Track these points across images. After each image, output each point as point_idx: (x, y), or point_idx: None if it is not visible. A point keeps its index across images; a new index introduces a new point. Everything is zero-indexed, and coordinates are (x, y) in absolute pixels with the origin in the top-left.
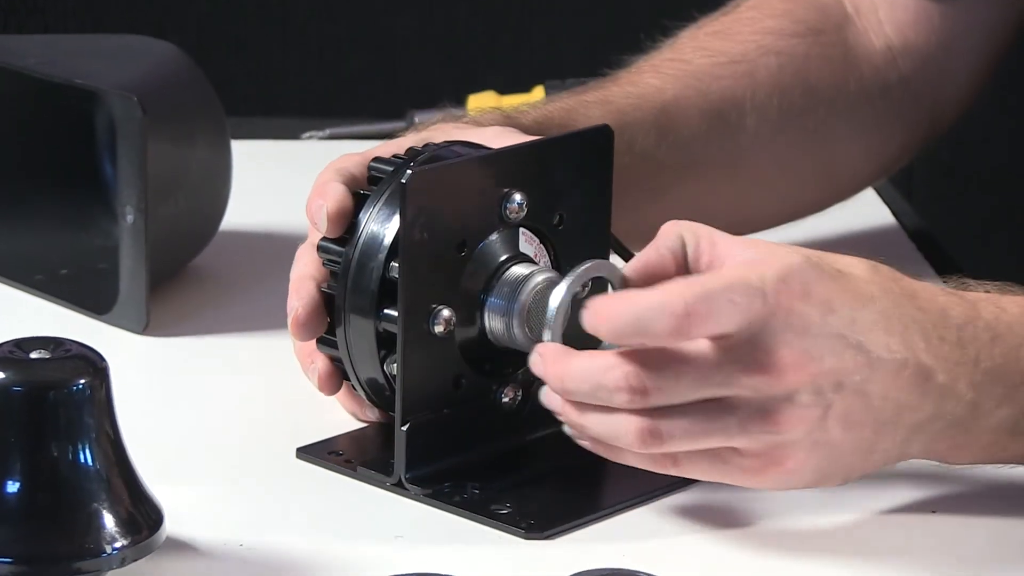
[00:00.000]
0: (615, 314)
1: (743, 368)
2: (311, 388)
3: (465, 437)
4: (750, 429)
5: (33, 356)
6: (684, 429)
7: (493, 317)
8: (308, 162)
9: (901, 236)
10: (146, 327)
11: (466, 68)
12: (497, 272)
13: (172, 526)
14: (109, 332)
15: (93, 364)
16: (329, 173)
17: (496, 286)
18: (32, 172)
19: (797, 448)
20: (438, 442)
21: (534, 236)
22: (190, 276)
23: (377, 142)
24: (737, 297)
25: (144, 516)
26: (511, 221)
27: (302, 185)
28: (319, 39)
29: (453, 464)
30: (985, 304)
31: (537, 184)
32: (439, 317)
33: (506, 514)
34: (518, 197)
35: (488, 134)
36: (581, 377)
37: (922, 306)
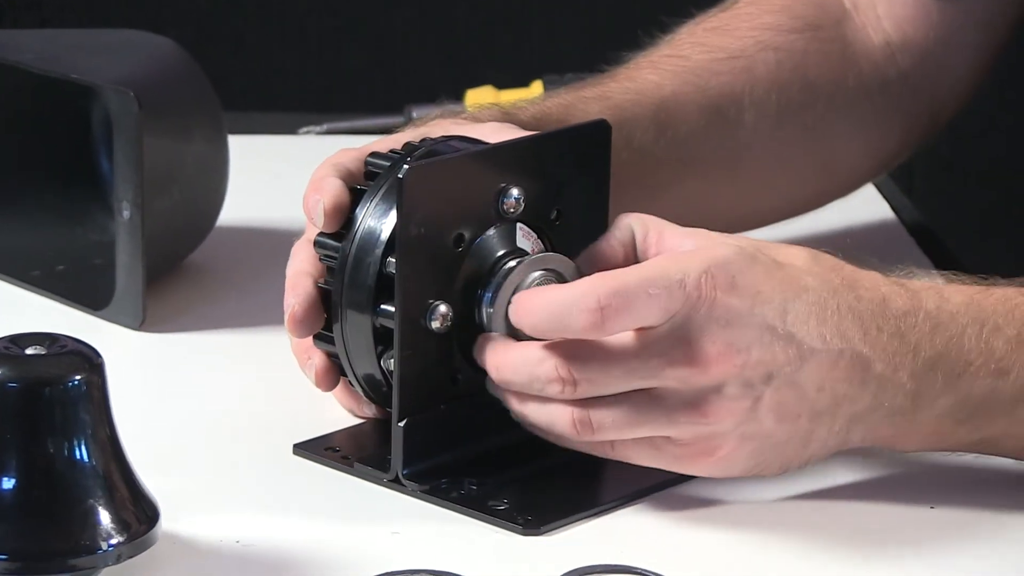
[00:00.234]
0: (535, 309)
1: (667, 360)
2: (308, 384)
3: (462, 433)
4: (678, 420)
5: (29, 352)
6: (614, 419)
7: (490, 312)
8: (305, 157)
9: (900, 231)
10: (142, 323)
11: (464, 63)
12: (494, 268)
13: (168, 522)
14: (105, 328)
15: (89, 360)
16: (326, 168)
17: (493, 282)
18: (28, 167)
19: (727, 439)
20: (435, 438)
21: (531, 231)
22: (186, 272)
23: (374, 138)
24: (655, 290)
25: (140, 512)
26: (508, 216)
27: (299, 180)
28: (316, 34)
29: (450, 460)
30: (928, 294)
31: (534, 179)
32: (436, 313)
33: (503, 510)
34: (515, 192)
35: (486, 130)
36: (517, 368)
37: (862, 295)
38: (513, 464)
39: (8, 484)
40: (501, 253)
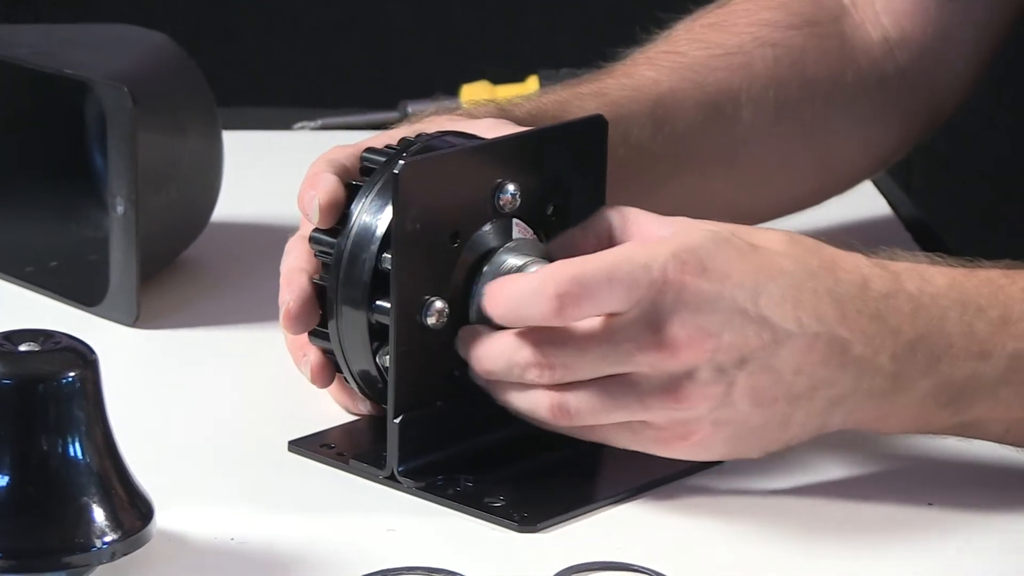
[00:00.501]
0: (501, 297)
1: (637, 346)
2: (303, 381)
3: (458, 430)
4: (651, 405)
5: (23, 349)
6: (589, 404)
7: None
8: (300, 153)
9: (898, 227)
10: (137, 319)
11: (459, 58)
12: (483, 262)
13: (163, 520)
14: (99, 324)
15: (83, 357)
16: (320, 164)
17: (482, 276)
18: (22, 163)
19: (702, 423)
20: (431, 435)
21: (528, 227)
22: (181, 268)
23: (370, 133)
24: (619, 276)
25: (134, 510)
26: (504, 212)
27: (294, 176)
28: (311, 29)
29: (446, 457)
30: (909, 275)
31: (531, 174)
32: (432, 309)
33: (499, 507)
34: (511, 187)
35: (481, 126)
36: (496, 356)
37: (841, 278)
38: (509, 461)
39: (2, 481)
40: (496, 248)
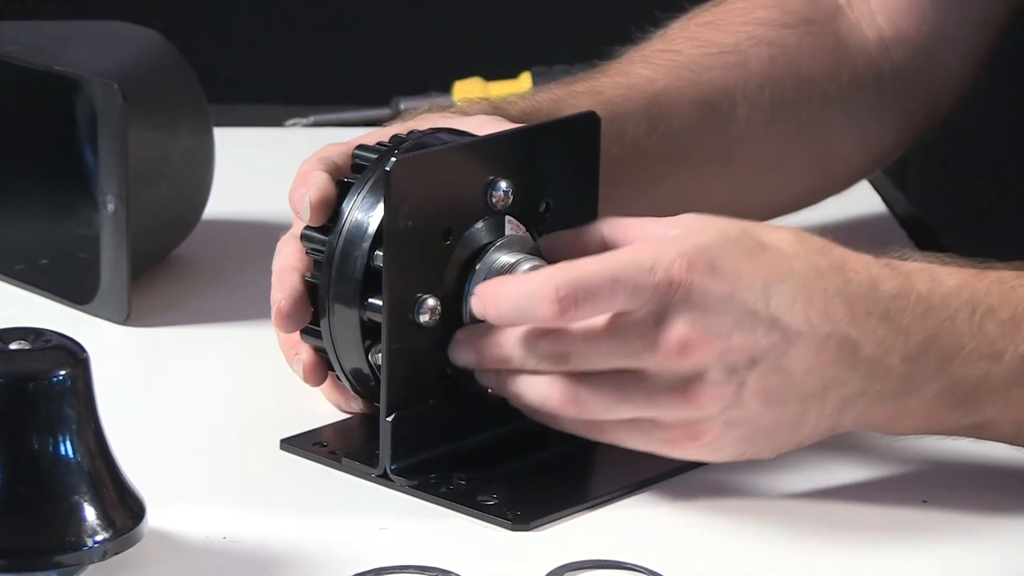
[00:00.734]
0: (500, 299)
1: (645, 345)
2: (295, 379)
3: (451, 428)
4: (660, 403)
5: (13, 347)
6: (598, 396)
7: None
8: (292, 150)
9: (893, 225)
10: (127, 317)
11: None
12: (475, 260)
13: (154, 518)
14: (90, 322)
15: (74, 355)
16: (312, 162)
17: (474, 274)
18: (12, 160)
19: (713, 424)
20: (424, 433)
21: (520, 224)
22: (172, 265)
23: (362, 130)
24: (623, 277)
25: (126, 508)
26: (497, 209)
27: (286, 173)
28: (303, 26)
29: (439, 455)
30: (920, 276)
31: (523, 171)
32: (424, 306)
33: (493, 505)
34: (504, 185)
35: (474, 123)
36: (513, 344)
37: (850, 278)
38: (502, 459)
39: None
40: (489, 246)
